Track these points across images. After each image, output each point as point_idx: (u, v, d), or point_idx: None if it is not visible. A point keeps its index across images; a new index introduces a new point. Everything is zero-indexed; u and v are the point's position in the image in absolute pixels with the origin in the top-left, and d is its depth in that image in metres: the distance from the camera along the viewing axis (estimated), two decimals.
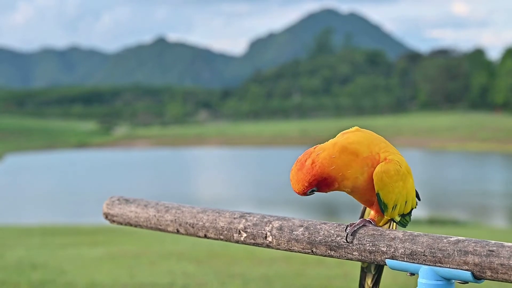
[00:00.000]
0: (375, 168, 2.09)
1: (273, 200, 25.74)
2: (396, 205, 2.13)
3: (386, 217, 2.19)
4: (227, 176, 40.64)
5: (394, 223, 2.27)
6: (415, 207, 2.27)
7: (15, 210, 25.28)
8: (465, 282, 1.84)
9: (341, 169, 2.06)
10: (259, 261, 8.82)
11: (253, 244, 2.21)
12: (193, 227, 2.35)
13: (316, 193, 2.14)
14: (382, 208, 2.11)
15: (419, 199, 2.31)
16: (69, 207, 26.49)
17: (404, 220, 2.21)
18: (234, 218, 2.27)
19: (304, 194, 2.08)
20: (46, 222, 19.36)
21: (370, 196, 2.14)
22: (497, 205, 25.93)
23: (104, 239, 12.41)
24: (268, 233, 2.19)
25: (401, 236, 1.93)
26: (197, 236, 2.33)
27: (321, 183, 2.06)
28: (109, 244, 11.36)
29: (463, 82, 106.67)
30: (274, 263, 8.63)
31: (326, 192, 2.09)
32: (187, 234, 2.36)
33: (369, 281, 2.32)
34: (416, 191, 2.27)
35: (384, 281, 7.12)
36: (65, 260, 9.11)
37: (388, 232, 1.98)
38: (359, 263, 2.29)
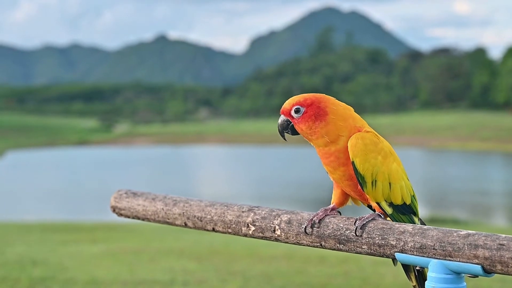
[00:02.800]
0: None
1: (275, 198, 25.74)
2: (375, 180, 2.16)
3: (372, 201, 2.20)
4: (227, 174, 40.63)
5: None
6: (413, 207, 2.27)
7: (16, 207, 25.27)
8: (475, 276, 1.83)
9: (337, 115, 2.22)
10: (260, 258, 8.81)
11: (262, 238, 2.21)
12: (201, 221, 2.34)
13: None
14: (360, 181, 2.15)
15: (416, 214, 2.30)
16: (69, 204, 26.49)
17: (398, 216, 2.21)
18: (243, 212, 2.26)
19: (287, 111, 2.23)
20: (46, 218, 19.36)
21: (352, 171, 2.21)
22: (498, 204, 25.92)
23: (104, 236, 12.40)
24: (277, 227, 2.18)
25: (411, 229, 1.92)
26: (205, 229, 2.33)
27: (314, 104, 2.20)
28: (109, 241, 11.35)
29: (464, 81, 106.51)
30: (274, 260, 8.62)
31: (307, 125, 2.21)
32: (195, 227, 2.35)
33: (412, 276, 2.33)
34: (414, 205, 2.29)
35: (386, 280, 7.11)
36: (66, 256, 9.10)
37: (397, 225, 1.97)
38: (361, 262, 2.31)
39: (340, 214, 2.20)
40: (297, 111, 2.22)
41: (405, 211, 2.25)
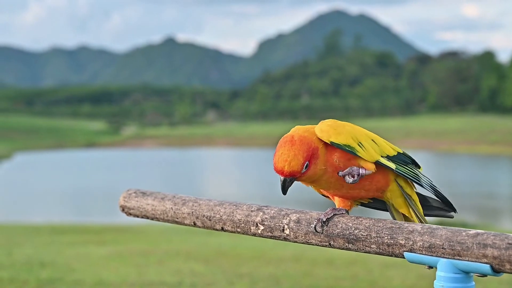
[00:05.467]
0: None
1: (284, 200, 25.74)
2: (360, 142, 2.18)
3: (370, 160, 2.20)
4: (235, 176, 40.66)
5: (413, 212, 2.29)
6: (406, 154, 2.32)
7: (24, 209, 25.34)
8: (484, 275, 1.83)
9: (320, 142, 2.18)
10: (267, 260, 8.81)
11: (270, 237, 2.22)
12: (210, 220, 2.35)
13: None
14: (349, 150, 2.16)
15: (418, 166, 2.36)
16: (77, 206, 26.56)
17: (403, 168, 2.24)
18: (251, 211, 2.27)
19: (299, 172, 2.13)
20: (54, 220, 19.41)
21: (331, 160, 2.19)
22: (506, 208, 25.88)
23: (112, 238, 12.43)
24: (286, 226, 2.19)
25: (420, 229, 1.93)
26: (214, 229, 2.34)
27: (312, 153, 2.14)
28: (117, 243, 11.37)
29: (472, 85, 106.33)
30: (282, 263, 8.62)
31: (312, 171, 2.16)
32: (204, 227, 2.36)
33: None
34: (408, 155, 2.32)
35: (394, 283, 7.11)
36: (73, 258, 9.12)
37: (406, 225, 1.98)
38: (369, 265, 2.31)
39: (348, 214, 2.21)
40: (306, 166, 2.14)
41: (406, 160, 2.28)
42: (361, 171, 2.17)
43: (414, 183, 2.31)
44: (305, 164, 2.13)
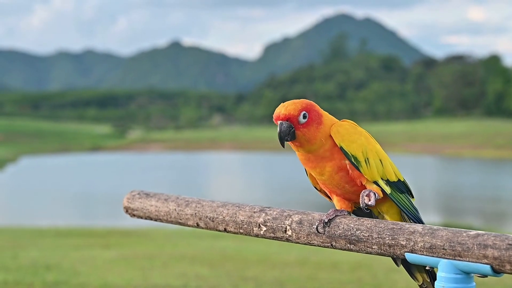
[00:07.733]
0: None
1: (288, 204, 25.73)
2: (368, 158, 2.22)
3: (369, 184, 2.23)
4: (240, 180, 40.63)
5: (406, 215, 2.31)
6: (407, 185, 2.34)
7: (29, 212, 25.36)
8: (484, 275, 1.84)
9: (326, 115, 2.29)
10: (272, 264, 8.80)
11: (273, 238, 2.23)
12: (213, 221, 2.37)
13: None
14: (354, 163, 2.19)
15: (412, 196, 2.38)
16: (83, 210, 26.57)
17: (397, 195, 2.27)
18: (254, 212, 2.29)
19: (295, 117, 2.21)
20: (59, 224, 19.42)
21: (340, 161, 2.25)
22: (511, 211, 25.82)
23: (117, 241, 12.44)
24: (288, 227, 2.21)
25: (421, 230, 1.94)
26: (217, 230, 2.35)
27: (312, 110, 2.23)
28: (122, 246, 11.38)
29: (478, 89, 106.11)
30: (287, 267, 8.62)
31: (311, 129, 2.22)
32: (207, 228, 2.37)
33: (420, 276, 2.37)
34: (407, 185, 2.35)
35: (399, 287, 7.10)
36: (79, 261, 9.13)
37: (407, 226, 1.99)
38: (374, 269, 2.32)
39: (350, 215, 2.22)
40: (304, 116, 2.22)
41: (402, 189, 2.31)
42: (376, 195, 2.22)
43: (401, 211, 2.34)
44: (304, 114, 2.21)
